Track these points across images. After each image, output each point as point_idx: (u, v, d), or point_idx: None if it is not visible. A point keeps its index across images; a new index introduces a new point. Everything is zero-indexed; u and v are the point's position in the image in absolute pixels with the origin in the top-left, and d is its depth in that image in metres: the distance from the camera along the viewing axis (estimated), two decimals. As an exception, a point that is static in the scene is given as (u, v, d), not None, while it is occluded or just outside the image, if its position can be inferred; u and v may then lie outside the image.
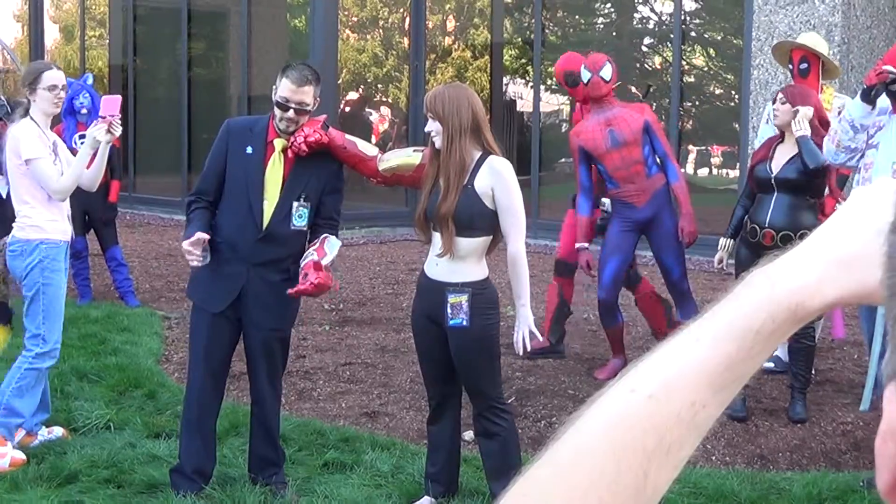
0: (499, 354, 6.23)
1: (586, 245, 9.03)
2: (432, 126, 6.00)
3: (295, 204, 6.45)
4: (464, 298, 5.92)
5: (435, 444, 6.48)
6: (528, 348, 6.07)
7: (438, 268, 6.02)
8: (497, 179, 5.92)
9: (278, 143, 6.46)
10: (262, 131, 6.47)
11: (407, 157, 6.47)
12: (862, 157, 7.08)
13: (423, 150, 6.41)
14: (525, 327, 6.01)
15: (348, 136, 6.56)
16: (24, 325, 7.41)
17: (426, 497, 6.44)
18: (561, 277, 9.79)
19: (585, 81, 8.83)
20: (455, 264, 5.96)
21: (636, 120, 8.77)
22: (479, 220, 5.92)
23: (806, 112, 7.63)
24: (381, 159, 6.48)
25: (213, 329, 6.48)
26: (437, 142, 5.99)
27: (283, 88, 6.38)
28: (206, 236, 6.24)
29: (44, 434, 7.47)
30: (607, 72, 8.77)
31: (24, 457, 7.14)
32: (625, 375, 1.10)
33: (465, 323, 5.92)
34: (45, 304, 7.25)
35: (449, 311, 5.93)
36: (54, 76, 7.40)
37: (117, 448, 7.24)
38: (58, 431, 7.56)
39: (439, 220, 5.95)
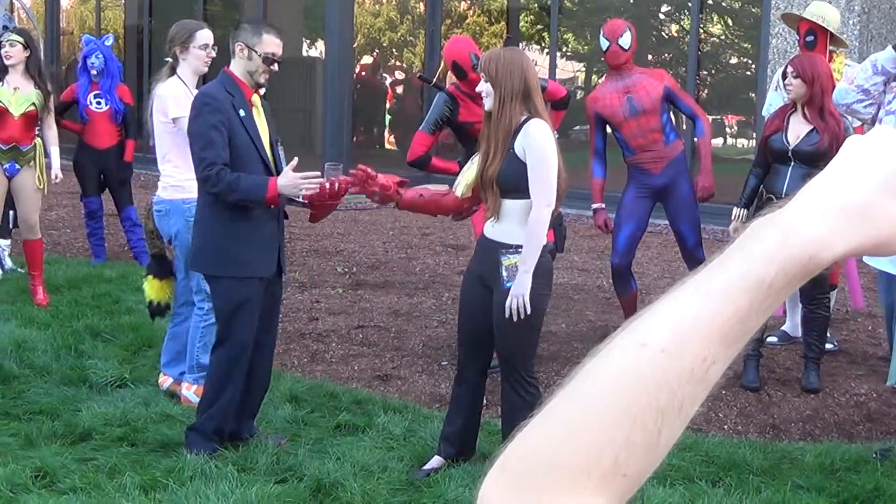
0: (540, 327, 6.25)
1: (602, 205, 8.98)
2: (483, 87, 6.02)
3: (279, 148, 6.69)
4: (518, 261, 5.93)
5: (455, 405, 6.49)
6: (522, 316, 5.96)
7: (494, 229, 6.04)
8: (528, 141, 5.92)
9: (256, 99, 6.59)
10: (241, 93, 6.52)
11: (471, 170, 6.43)
12: (877, 121, 7.05)
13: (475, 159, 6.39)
14: (521, 296, 5.92)
15: (416, 188, 6.53)
16: (183, 285, 7.60)
17: (437, 457, 6.46)
18: None
19: (604, 49, 8.73)
20: (512, 226, 5.97)
21: (655, 87, 8.69)
22: (521, 181, 5.92)
23: None
24: (455, 188, 6.44)
25: (263, 294, 6.57)
26: (487, 104, 6.02)
27: (270, 44, 6.48)
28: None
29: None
30: (626, 40, 8.66)
31: None
32: (630, 327, 1.08)
33: None
34: None
35: (504, 273, 5.94)
36: (207, 35, 7.46)
37: (131, 407, 7.28)
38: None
39: (485, 183, 5.98)
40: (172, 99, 7.22)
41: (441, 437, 6.52)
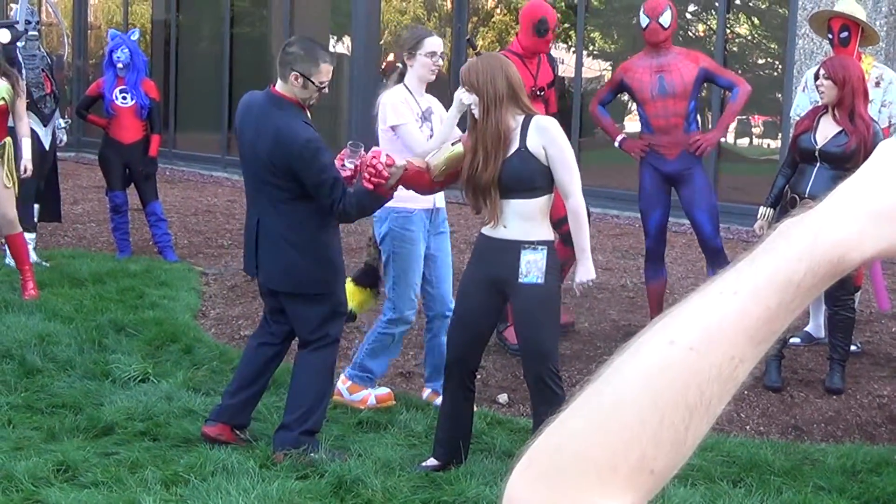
0: (559, 319, 6.34)
1: (623, 136, 9.11)
2: (470, 98, 6.04)
3: None
4: (540, 256, 6.00)
5: (444, 409, 6.49)
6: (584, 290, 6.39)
7: (508, 229, 6.06)
8: (546, 137, 6.01)
9: None
10: None
11: (450, 152, 6.43)
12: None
13: (460, 139, 6.43)
14: (588, 279, 6.26)
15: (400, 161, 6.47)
16: (432, 298, 7.61)
17: (432, 459, 6.46)
18: None
19: (644, 27, 8.71)
20: (525, 225, 6.03)
21: (690, 71, 8.66)
22: (539, 178, 6.02)
23: None
24: (431, 167, 6.44)
25: None
26: (476, 113, 6.05)
27: (326, 73, 6.48)
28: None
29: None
30: (667, 18, 8.62)
31: (388, 391, 7.56)
32: (658, 325, 1.09)
33: (539, 280, 6.00)
34: (395, 272, 7.35)
35: (524, 268, 5.99)
36: (435, 43, 7.36)
37: (153, 401, 7.30)
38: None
39: (482, 189, 6.00)
40: (391, 107, 7.18)
41: (434, 440, 6.53)
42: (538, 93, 8.56)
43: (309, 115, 6.60)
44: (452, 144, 6.40)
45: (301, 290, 6.56)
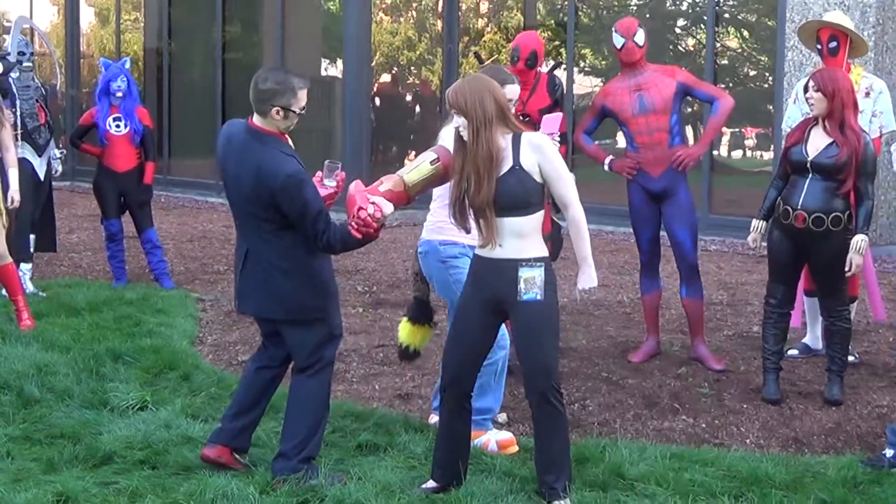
0: (559, 334, 6.34)
1: (610, 157, 9.14)
2: (458, 121, 6.03)
3: None
4: (538, 272, 6.00)
5: (441, 430, 6.47)
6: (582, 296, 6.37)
7: (504, 248, 6.03)
8: (539, 153, 6.01)
9: None
10: None
11: (427, 171, 6.37)
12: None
13: (436, 155, 6.39)
14: (590, 286, 6.28)
15: (380, 189, 6.40)
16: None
17: (431, 481, 6.44)
18: None
19: (619, 47, 8.80)
20: (520, 243, 6.02)
21: (668, 86, 8.75)
22: (533, 195, 6.02)
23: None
24: (407, 184, 6.40)
25: None
26: (465, 135, 6.02)
27: (303, 98, 6.45)
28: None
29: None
30: (640, 37, 8.78)
31: (510, 436, 7.22)
32: None
33: (539, 297, 5.99)
34: None
35: (522, 286, 5.99)
36: (514, 90, 7.22)
37: (152, 429, 7.26)
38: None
39: (476, 211, 6.00)
40: (447, 142, 7.15)
41: (433, 462, 6.50)
42: (523, 119, 8.53)
43: (291, 142, 6.60)
44: (431, 164, 6.36)
45: (294, 316, 6.54)
